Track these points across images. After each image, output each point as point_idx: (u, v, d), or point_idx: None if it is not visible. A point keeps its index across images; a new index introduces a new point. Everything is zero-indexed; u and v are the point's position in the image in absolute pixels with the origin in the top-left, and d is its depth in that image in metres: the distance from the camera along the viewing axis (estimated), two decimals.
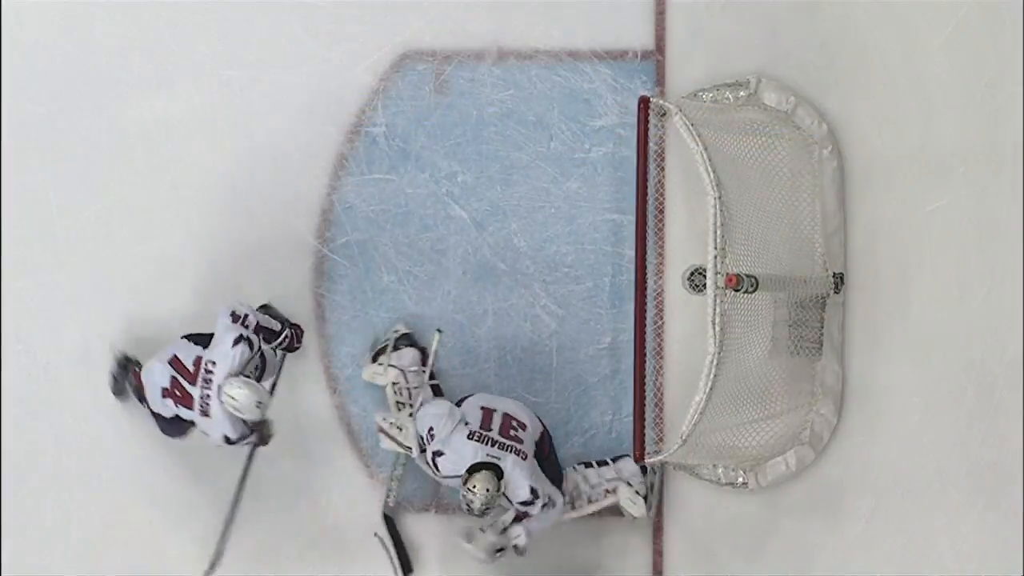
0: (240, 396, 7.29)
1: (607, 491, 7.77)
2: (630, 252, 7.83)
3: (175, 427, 7.57)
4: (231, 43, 7.99)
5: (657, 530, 7.94)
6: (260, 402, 7.33)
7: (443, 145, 7.96)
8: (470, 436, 7.34)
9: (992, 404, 7.80)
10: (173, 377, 7.41)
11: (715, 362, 7.02)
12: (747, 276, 7.07)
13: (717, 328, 7.02)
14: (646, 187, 7.49)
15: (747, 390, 7.41)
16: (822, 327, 7.75)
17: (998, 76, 7.79)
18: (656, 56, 7.89)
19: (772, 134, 7.65)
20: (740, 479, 7.77)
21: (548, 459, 7.55)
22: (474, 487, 7.23)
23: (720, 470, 7.74)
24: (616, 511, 7.83)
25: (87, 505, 8.01)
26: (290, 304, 7.93)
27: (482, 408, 7.45)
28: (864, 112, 7.84)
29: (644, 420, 7.47)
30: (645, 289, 7.63)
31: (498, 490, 7.25)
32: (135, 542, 8.00)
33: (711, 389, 7.03)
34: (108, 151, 8.01)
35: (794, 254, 7.62)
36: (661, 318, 7.84)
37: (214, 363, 7.34)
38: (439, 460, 7.36)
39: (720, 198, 7.03)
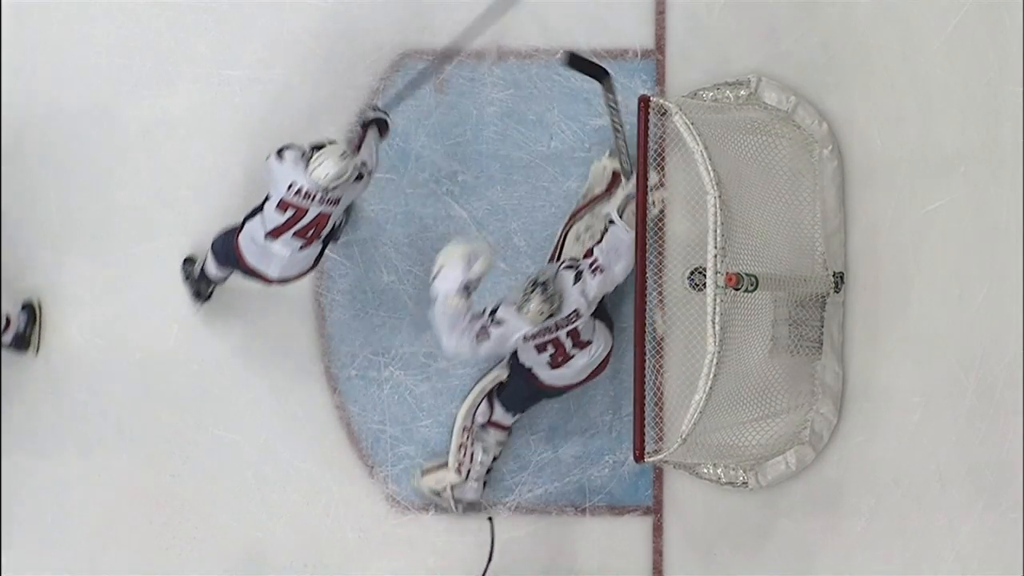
0: (328, 170, 7.21)
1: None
2: None
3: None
4: (231, 43, 8.00)
5: (657, 530, 7.94)
6: (341, 157, 7.23)
7: (443, 145, 7.96)
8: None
9: (992, 404, 7.80)
10: (288, 219, 7.32)
11: (715, 361, 7.02)
12: (747, 275, 7.07)
13: (717, 327, 7.02)
14: (646, 187, 7.48)
15: (747, 389, 7.42)
16: (822, 326, 7.75)
17: (998, 76, 7.80)
18: (656, 56, 7.90)
19: (772, 133, 7.65)
20: (740, 479, 7.76)
21: None
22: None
23: (720, 470, 7.74)
24: (616, 512, 7.87)
25: (87, 505, 8.01)
26: (290, 304, 7.93)
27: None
28: (864, 112, 7.84)
29: (644, 420, 7.46)
30: (645, 289, 7.62)
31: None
32: (135, 542, 8.00)
33: (711, 388, 7.03)
34: (108, 151, 8.01)
35: (794, 253, 7.62)
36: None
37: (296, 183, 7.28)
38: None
39: (720, 197, 7.03)
